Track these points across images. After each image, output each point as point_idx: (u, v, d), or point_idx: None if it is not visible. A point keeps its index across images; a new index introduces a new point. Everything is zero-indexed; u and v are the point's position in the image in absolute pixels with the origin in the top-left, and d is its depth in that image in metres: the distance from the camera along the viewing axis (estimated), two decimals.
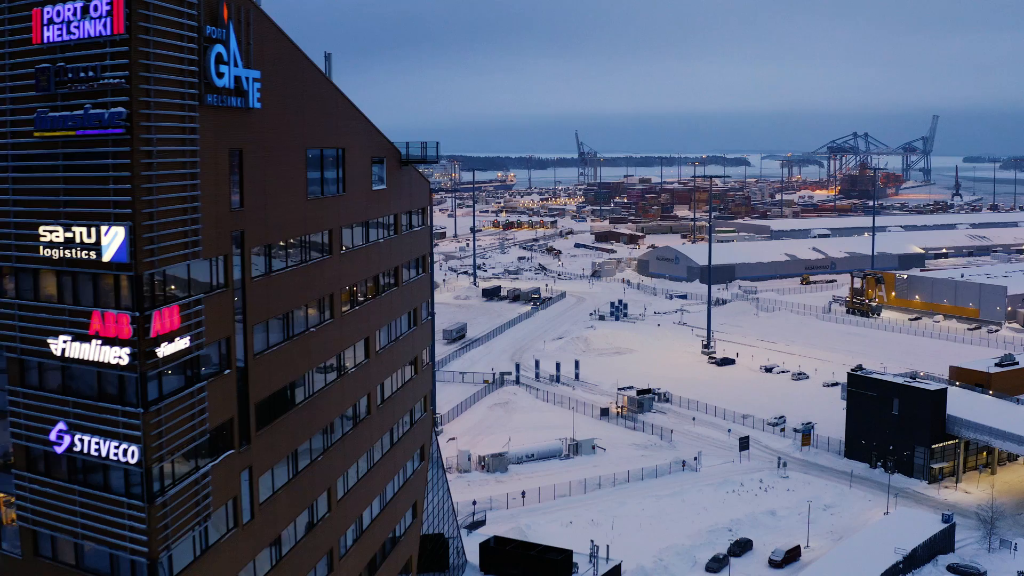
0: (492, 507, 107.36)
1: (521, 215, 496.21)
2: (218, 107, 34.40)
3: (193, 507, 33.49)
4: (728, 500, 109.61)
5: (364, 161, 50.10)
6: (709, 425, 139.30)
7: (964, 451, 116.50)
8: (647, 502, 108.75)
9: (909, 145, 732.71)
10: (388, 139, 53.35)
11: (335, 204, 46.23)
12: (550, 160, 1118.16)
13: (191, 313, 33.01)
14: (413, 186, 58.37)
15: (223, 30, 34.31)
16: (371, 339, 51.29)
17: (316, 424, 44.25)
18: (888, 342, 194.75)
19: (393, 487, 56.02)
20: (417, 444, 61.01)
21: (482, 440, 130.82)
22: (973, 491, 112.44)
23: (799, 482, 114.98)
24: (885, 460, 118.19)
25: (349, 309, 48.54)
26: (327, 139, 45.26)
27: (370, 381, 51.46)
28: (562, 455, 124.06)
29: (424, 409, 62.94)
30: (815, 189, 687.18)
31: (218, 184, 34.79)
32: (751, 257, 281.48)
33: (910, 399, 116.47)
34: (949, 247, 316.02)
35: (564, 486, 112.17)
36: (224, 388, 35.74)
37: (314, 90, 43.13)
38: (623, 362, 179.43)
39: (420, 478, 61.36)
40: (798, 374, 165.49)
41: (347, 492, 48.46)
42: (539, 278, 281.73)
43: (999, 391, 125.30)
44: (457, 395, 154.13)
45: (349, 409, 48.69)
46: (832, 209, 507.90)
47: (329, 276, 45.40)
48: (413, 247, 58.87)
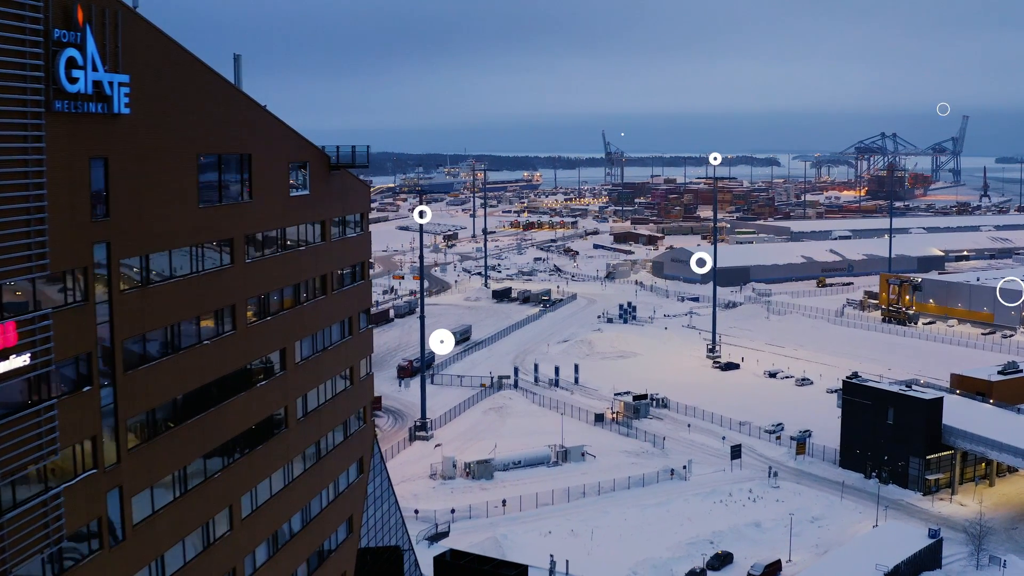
0: (471, 515, 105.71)
1: (543, 215, 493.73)
2: (72, 114, 32.87)
3: (40, 530, 32.03)
4: (714, 511, 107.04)
5: (278, 166, 48.50)
6: (705, 432, 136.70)
7: (961, 462, 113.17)
8: (631, 512, 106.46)
9: (939, 146, 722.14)
10: (312, 143, 51.77)
11: (238, 212, 44.66)
12: (579, 160, 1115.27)
13: (35, 329, 31.54)
14: (347, 191, 56.75)
15: (77, 33, 32.79)
16: (289, 350, 49.72)
17: (212, 439, 42.71)
18: (899, 347, 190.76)
19: (321, 502, 54.44)
20: (354, 457, 59.37)
21: (472, 446, 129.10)
22: (969, 504, 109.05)
23: (790, 492, 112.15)
24: (880, 470, 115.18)
25: (258, 320, 46.98)
26: (226, 144, 43.69)
27: (288, 394, 49.89)
28: (550, 462, 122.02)
29: (364, 420, 61.27)
30: (843, 190, 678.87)
31: (74, 194, 33.28)
32: (766, 259, 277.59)
33: (905, 408, 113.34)
34: (971, 249, 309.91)
35: (547, 494, 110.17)
36: (84, 406, 34.23)
37: (207, 94, 41.58)
38: (626, 366, 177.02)
39: (357, 491, 59.71)
40: (802, 379, 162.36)
41: (257, 509, 46.93)
42: (553, 279, 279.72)
43: (1000, 400, 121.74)
44: (453, 399, 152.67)
45: (258, 423, 47.11)
46: (857, 210, 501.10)
47: (230, 286, 43.84)
48: (347, 254, 57.20)
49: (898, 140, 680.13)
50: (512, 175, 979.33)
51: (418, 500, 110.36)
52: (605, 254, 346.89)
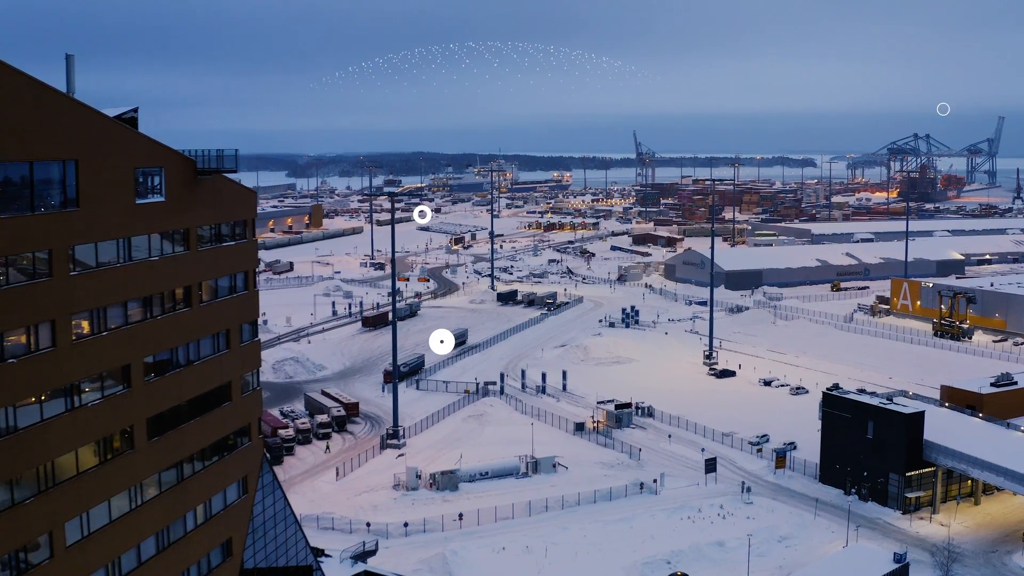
0: (426, 529, 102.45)
1: (566, 216, 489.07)
2: None
3: None
4: (680, 528, 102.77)
5: (119, 172, 45.47)
6: (687, 443, 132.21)
7: (945, 480, 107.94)
8: (592, 528, 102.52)
9: (974, 147, 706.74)
10: (169, 148, 48.70)
11: (61, 221, 41.75)
12: (612, 160, 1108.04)
13: None
14: (222, 197, 53.68)
15: None
16: (135, 367, 46.73)
17: (24, 462, 39.81)
18: (905, 354, 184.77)
19: (185, 525, 51.43)
20: (234, 476, 56.27)
21: (444, 455, 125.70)
22: (950, 524, 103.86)
23: (762, 509, 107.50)
24: (859, 487, 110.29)
25: (92, 334, 44.00)
26: (44, 151, 40.78)
27: (134, 412, 46.91)
28: (519, 473, 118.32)
29: (250, 438, 58.16)
30: (875, 191, 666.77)
31: None
32: (781, 262, 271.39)
33: (884, 422, 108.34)
34: (993, 253, 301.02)
35: (507, 508, 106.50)
36: None
37: (17, 100, 38.61)
38: (620, 372, 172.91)
39: (238, 512, 56.60)
40: (797, 388, 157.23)
41: (88, 536, 44.01)
42: (564, 282, 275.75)
43: (991, 414, 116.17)
44: (434, 405, 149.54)
45: (94, 444, 44.19)
46: (884, 212, 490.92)
47: (49, 300, 40.91)
48: (222, 263, 54.11)
49: (931, 141, 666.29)
50: (544, 175, 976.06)
51: (376, 512, 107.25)
52: (622, 256, 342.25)
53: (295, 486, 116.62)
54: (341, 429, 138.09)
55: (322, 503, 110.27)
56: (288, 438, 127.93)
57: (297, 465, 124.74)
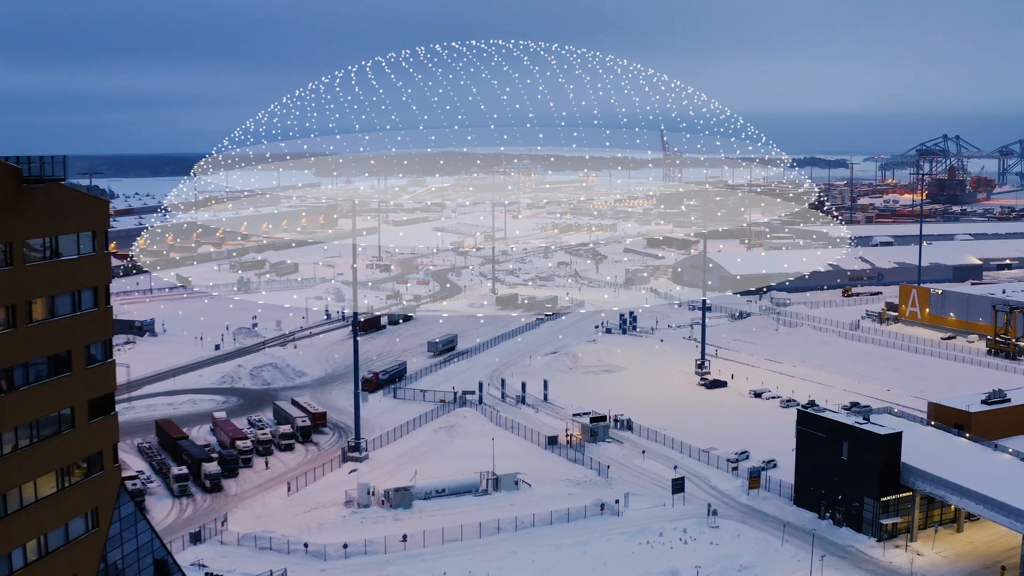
0: (367, 551, 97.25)
1: (584, 217, 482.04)
2: None
3: None
4: (636, 554, 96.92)
5: None
6: (661, 459, 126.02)
7: (923, 505, 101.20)
8: (543, 552, 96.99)
9: (1006, 148, 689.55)
10: None
11: None
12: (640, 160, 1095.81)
13: None
14: (59, 208, 48.97)
15: None
16: None
17: None
18: (908, 365, 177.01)
19: (11, 563, 46.82)
20: (81, 508, 51.58)
21: (406, 469, 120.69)
22: (928, 553, 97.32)
23: (728, 534, 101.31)
24: (833, 511, 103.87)
25: None
26: None
27: None
28: (478, 490, 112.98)
29: (101, 466, 53.42)
30: (903, 193, 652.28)
31: None
32: (790, 267, 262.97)
33: (860, 443, 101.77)
34: (1014, 258, 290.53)
35: (456, 529, 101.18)
36: None
37: None
38: (608, 382, 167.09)
39: (86, 547, 51.89)
40: (788, 400, 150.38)
41: None
42: (569, 285, 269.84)
43: (980, 434, 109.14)
44: (408, 415, 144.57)
45: None
46: (909, 214, 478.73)
47: None
48: (60, 279, 49.44)
49: (961, 142, 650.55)
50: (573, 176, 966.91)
51: (322, 531, 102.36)
52: (634, 259, 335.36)
53: (244, 501, 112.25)
54: (306, 440, 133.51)
55: (268, 520, 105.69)
56: (245, 449, 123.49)
57: (252, 479, 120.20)
